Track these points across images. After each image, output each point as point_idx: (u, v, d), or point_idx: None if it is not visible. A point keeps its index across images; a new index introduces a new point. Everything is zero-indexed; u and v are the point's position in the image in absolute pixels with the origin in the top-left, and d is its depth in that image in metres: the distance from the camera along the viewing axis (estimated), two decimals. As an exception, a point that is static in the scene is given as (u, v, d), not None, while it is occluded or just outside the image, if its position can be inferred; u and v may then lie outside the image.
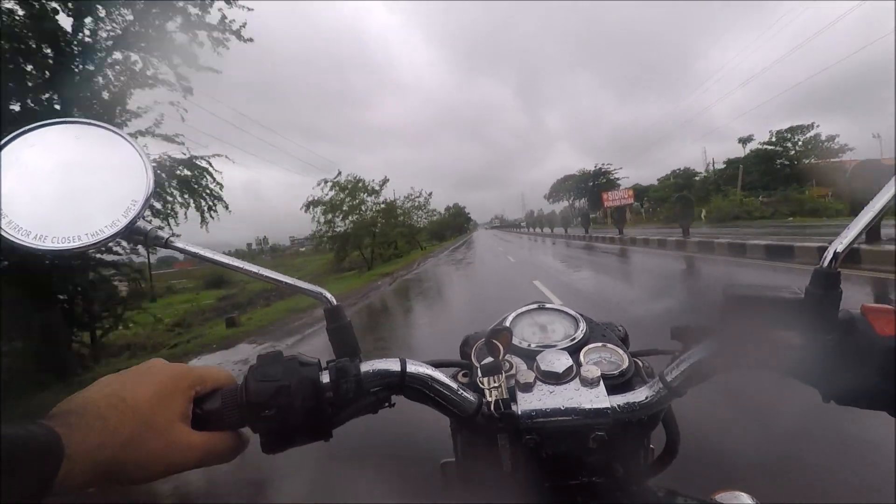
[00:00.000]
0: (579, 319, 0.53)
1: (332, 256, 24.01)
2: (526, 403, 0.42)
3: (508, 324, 0.54)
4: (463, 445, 0.50)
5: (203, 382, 0.40)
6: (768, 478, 1.78)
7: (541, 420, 0.41)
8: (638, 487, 0.45)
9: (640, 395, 0.42)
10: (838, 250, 0.36)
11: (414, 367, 0.43)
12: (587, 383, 0.43)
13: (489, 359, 0.43)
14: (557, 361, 0.44)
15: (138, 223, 0.40)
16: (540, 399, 0.42)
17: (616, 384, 0.44)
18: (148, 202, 0.40)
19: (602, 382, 0.43)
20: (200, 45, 6.41)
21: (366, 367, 0.42)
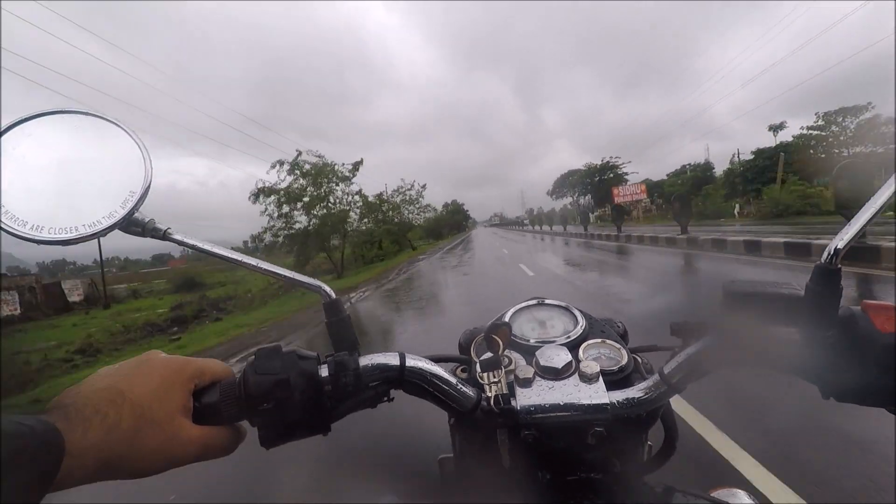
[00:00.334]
0: (578, 315, 0.53)
1: (293, 261, 17.69)
2: (525, 399, 0.42)
3: (507, 319, 0.54)
4: (461, 441, 0.50)
5: (202, 375, 0.40)
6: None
7: (540, 415, 0.41)
8: (636, 483, 0.45)
9: (639, 391, 0.42)
10: (839, 247, 0.35)
11: (413, 362, 0.43)
12: (586, 379, 0.43)
13: (488, 354, 0.43)
14: (557, 357, 0.44)
15: (136, 214, 0.40)
16: (539, 394, 0.42)
17: (615, 380, 0.44)
18: (146, 194, 0.40)
19: (601, 378, 0.43)
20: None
21: (364, 361, 0.42)
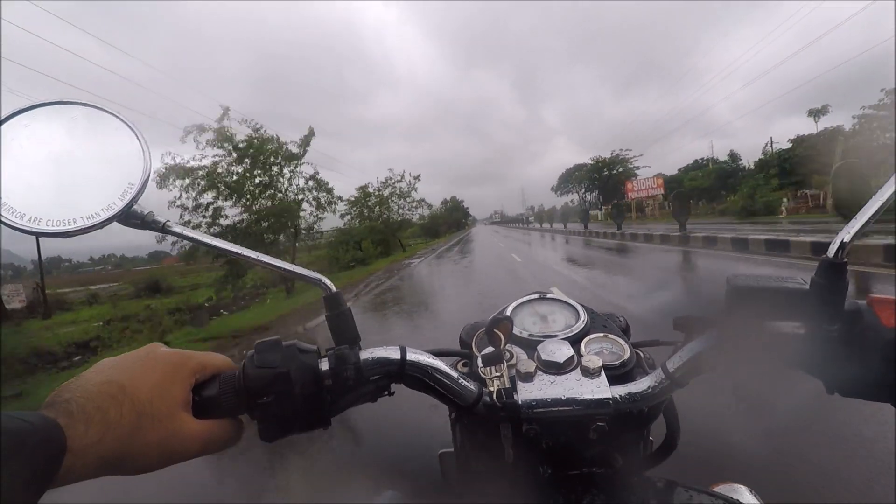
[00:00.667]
0: (580, 310, 0.53)
1: (221, 276, 12.30)
2: (527, 393, 0.41)
3: (509, 313, 0.53)
4: (462, 435, 0.50)
5: (203, 369, 0.39)
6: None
7: (541, 410, 0.41)
8: (637, 478, 0.45)
9: (642, 386, 0.41)
10: (845, 240, 0.35)
11: (414, 356, 0.42)
12: (588, 373, 0.42)
13: (490, 348, 0.43)
14: (559, 351, 0.44)
15: (135, 207, 0.39)
16: (541, 389, 0.42)
17: (617, 375, 0.44)
18: (145, 186, 0.40)
19: (603, 373, 0.43)
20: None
21: (365, 355, 0.42)
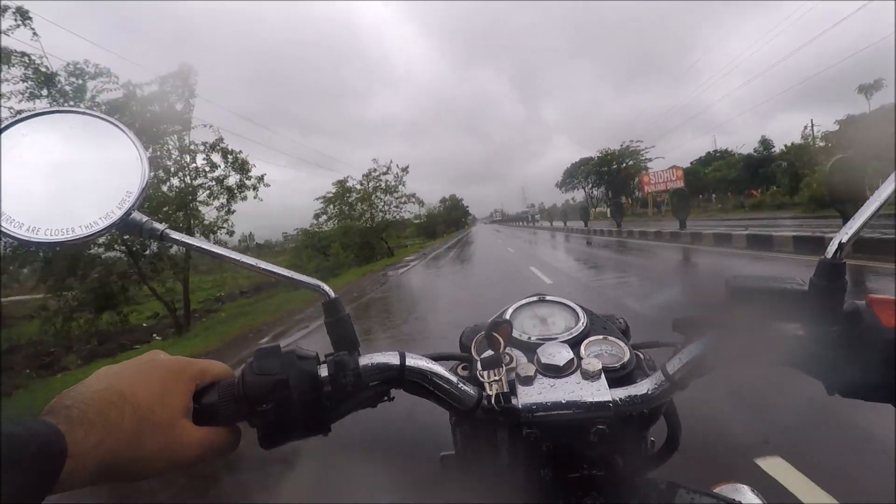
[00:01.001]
0: (580, 312, 0.53)
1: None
2: (526, 397, 0.41)
3: (508, 316, 0.53)
4: (463, 439, 0.50)
5: (203, 376, 0.39)
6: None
7: (541, 414, 0.40)
8: (639, 480, 0.45)
9: (642, 388, 0.41)
10: (843, 241, 0.35)
11: (413, 361, 0.42)
12: (588, 376, 0.42)
13: (489, 352, 0.43)
14: (558, 354, 0.44)
15: (133, 215, 0.39)
16: (540, 392, 0.42)
17: (617, 377, 0.44)
18: (143, 194, 0.40)
19: (603, 375, 0.42)
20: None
21: (364, 361, 0.42)
